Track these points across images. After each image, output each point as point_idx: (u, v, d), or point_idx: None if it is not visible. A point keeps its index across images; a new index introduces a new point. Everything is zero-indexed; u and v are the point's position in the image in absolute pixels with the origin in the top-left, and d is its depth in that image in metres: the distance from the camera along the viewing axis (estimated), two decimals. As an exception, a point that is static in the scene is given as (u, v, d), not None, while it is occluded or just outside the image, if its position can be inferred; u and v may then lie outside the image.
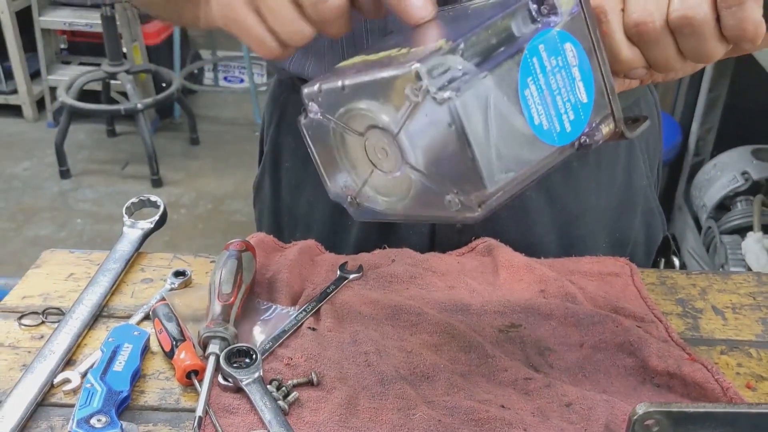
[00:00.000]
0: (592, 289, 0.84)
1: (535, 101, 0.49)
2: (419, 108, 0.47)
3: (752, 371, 0.74)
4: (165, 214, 0.94)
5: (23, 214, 3.33)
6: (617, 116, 0.54)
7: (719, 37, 0.52)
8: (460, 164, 0.47)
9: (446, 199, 0.49)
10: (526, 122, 0.49)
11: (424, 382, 0.71)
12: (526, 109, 0.49)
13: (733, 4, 0.50)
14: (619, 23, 0.53)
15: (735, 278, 0.88)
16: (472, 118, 0.46)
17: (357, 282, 0.84)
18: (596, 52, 0.52)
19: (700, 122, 2.70)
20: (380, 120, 0.50)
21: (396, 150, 0.50)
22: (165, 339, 0.74)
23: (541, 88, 0.49)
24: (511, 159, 0.48)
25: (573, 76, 0.51)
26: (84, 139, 3.94)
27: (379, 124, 0.50)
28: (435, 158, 0.48)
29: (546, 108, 0.50)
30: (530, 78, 0.49)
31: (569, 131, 0.51)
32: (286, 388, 0.69)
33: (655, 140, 0.99)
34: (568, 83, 0.51)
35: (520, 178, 0.50)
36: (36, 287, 0.85)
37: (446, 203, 0.49)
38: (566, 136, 0.51)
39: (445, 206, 0.49)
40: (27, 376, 0.70)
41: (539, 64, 0.49)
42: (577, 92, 0.51)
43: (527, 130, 0.49)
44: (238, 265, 0.79)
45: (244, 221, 3.26)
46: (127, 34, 3.76)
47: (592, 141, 0.53)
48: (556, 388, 0.70)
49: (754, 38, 0.51)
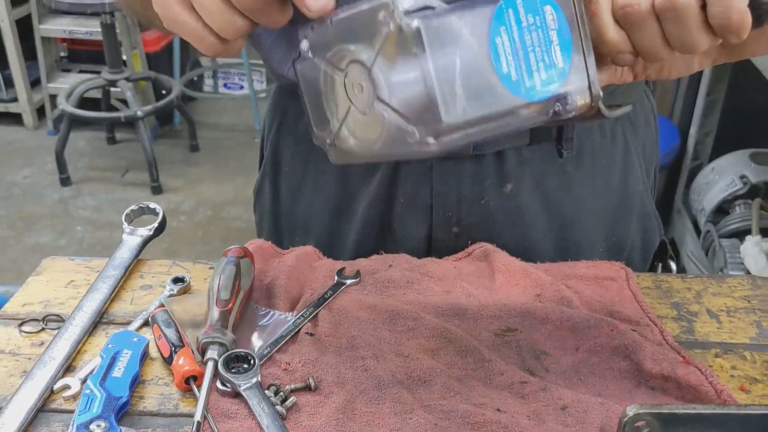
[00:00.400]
0: (588, 293, 0.84)
1: (505, 50, 0.50)
2: (391, 39, 0.48)
3: (746, 374, 0.75)
4: (164, 221, 0.95)
5: (24, 221, 3.34)
6: (594, 91, 0.54)
7: (704, 26, 0.52)
8: (421, 93, 0.48)
9: (407, 133, 0.50)
10: (493, 67, 0.50)
11: (420, 386, 0.71)
12: (495, 55, 0.50)
13: None
14: (608, 4, 0.54)
15: (730, 281, 0.89)
16: (436, 48, 0.48)
17: (355, 287, 0.85)
18: (578, 23, 0.53)
19: (699, 126, 2.71)
20: (358, 54, 0.51)
21: (369, 85, 0.51)
22: (164, 345, 0.75)
23: (514, 40, 0.50)
24: (473, 98, 0.50)
25: (550, 39, 0.52)
26: (84, 147, 3.95)
27: (357, 57, 0.51)
28: (401, 90, 0.50)
29: (517, 60, 0.51)
30: (503, 27, 0.50)
31: (539, 89, 0.52)
32: (284, 393, 0.69)
33: (652, 145, 1.00)
34: (543, 44, 0.51)
35: (481, 121, 0.51)
36: (36, 294, 0.85)
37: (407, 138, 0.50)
38: (535, 93, 0.52)
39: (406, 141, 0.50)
40: (27, 382, 0.70)
41: (515, 17, 0.50)
42: (553, 55, 0.52)
43: (494, 76, 0.50)
44: (236, 271, 0.80)
45: (244, 227, 3.27)
46: (126, 41, 3.77)
47: (566, 111, 0.53)
48: (552, 392, 0.70)
49: (739, 29, 0.52)
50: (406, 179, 0.90)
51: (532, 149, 0.89)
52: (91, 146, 3.98)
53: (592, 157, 0.92)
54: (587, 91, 0.54)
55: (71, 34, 3.92)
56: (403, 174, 0.90)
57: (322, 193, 0.96)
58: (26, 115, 4.12)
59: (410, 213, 0.91)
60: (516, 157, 0.89)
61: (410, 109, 0.50)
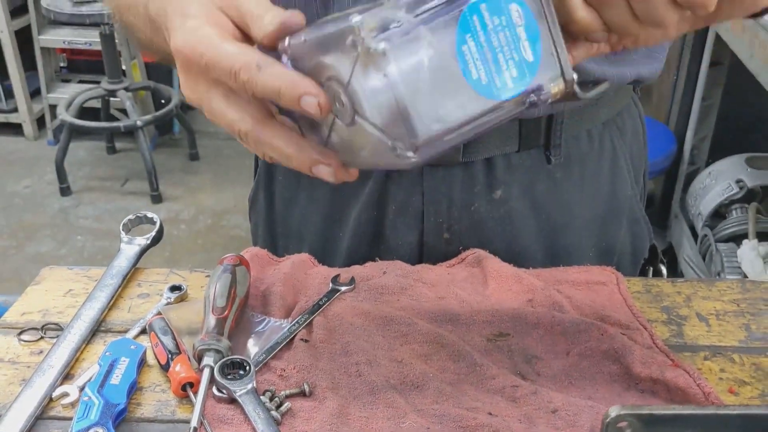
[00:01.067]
0: (579, 298, 0.86)
1: (473, 57, 0.51)
2: (362, 59, 0.49)
3: (735, 376, 0.76)
4: (161, 231, 0.96)
5: (24, 231, 3.36)
6: (567, 76, 0.55)
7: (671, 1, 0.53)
8: (394, 110, 0.50)
9: (388, 147, 0.52)
10: (462, 76, 0.51)
11: (413, 391, 0.72)
12: (463, 64, 0.51)
13: None
14: None
15: (719, 285, 0.90)
16: (404, 68, 0.49)
17: (349, 294, 0.86)
18: (545, 12, 0.54)
19: (695, 131, 2.72)
20: (334, 71, 0.52)
21: (348, 101, 0.52)
22: (161, 352, 0.76)
23: (481, 44, 0.51)
24: (446, 108, 0.51)
25: (518, 36, 0.53)
26: (84, 157, 3.97)
27: (333, 74, 0.52)
28: (377, 107, 0.51)
29: (486, 64, 0.52)
30: (469, 35, 0.51)
31: (511, 87, 0.53)
32: (279, 398, 0.71)
33: (639, 150, 1.01)
34: (511, 42, 0.52)
35: (458, 128, 0.52)
36: (35, 303, 0.86)
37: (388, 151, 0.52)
38: (507, 92, 0.53)
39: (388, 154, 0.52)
40: (26, 390, 0.72)
41: (480, 22, 0.51)
42: (522, 51, 0.53)
43: (464, 84, 0.51)
44: (232, 279, 0.81)
45: (244, 236, 3.28)
46: (125, 51, 3.80)
47: (541, 101, 0.54)
48: (543, 395, 0.71)
49: (705, 3, 0.52)
50: (398, 187, 0.91)
51: (521, 156, 0.90)
52: (91, 156, 3.99)
53: (580, 163, 0.93)
54: (560, 78, 0.55)
55: (71, 45, 3.94)
56: (395, 181, 0.91)
57: (315, 202, 0.97)
58: (26, 125, 4.14)
59: (402, 220, 0.93)
60: (505, 163, 0.90)
61: (387, 124, 0.51)
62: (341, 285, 0.86)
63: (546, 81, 0.54)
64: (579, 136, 0.92)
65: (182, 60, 0.57)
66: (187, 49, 0.56)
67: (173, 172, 3.83)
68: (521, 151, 0.90)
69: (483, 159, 0.89)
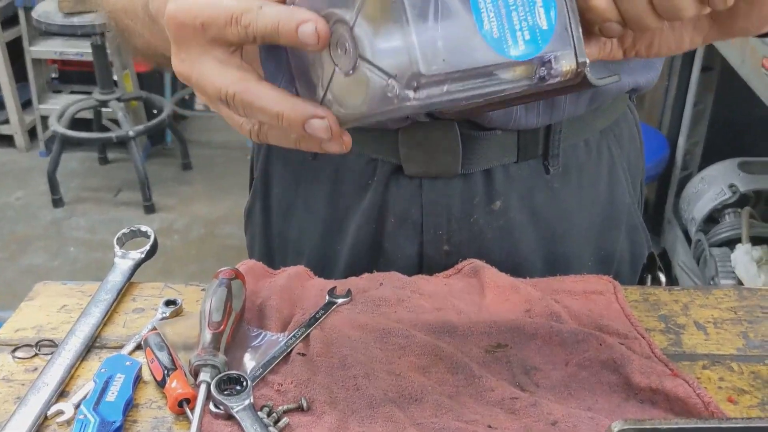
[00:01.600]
0: (577, 308, 0.85)
1: (487, 7, 0.50)
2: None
3: (734, 385, 0.75)
4: (155, 244, 0.95)
5: (16, 243, 3.34)
6: (579, 56, 0.53)
7: None
8: (401, 46, 0.48)
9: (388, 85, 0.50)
10: (474, 22, 0.50)
11: (412, 404, 0.72)
12: (476, 11, 0.49)
13: None
14: None
15: (716, 293, 0.90)
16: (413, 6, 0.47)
17: (346, 306, 0.85)
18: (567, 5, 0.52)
19: (687, 136, 2.73)
20: (340, 14, 0.51)
21: (352, 44, 0.51)
22: (157, 368, 0.75)
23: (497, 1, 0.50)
24: (453, 52, 0.49)
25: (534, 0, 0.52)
26: (76, 167, 3.96)
27: (339, 17, 0.51)
28: (382, 46, 0.49)
29: (499, 18, 0.50)
30: None
31: (522, 49, 0.51)
32: (277, 414, 0.70)
33: (637, 158, 1.01)
34: (526, 3, 0.51)
35: (462, 77, 0.50)
36: (29, 320, 0.86)
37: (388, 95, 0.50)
38: (518, 52, 0.51)
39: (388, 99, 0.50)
40: (21, 408, 0.71)
41: None
42: (537, 16, 0.51)
43: (474, 31, 0.50)
44: (227, 293, 0.80)
45: (238, 245, 3.27)
46: (117, 62, 3.79)
47: (550, 75, 0.53)
48: (542, 407, 0.71)
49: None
50: (397, 199, 0.91)
51: (520, 166, 0.90)
52: (83, 167, 3.98)
53: (578, 172, 0.93)
54: (573, 56, 0.53)
55: (62, 56, 3.93)
56: (394, 193, 0.91)
57: (313, 214, 0.97)
58: (18, 136, 4.12)
59: (401, 232, 0.92)
60: (504, 174, 0.90)
61: (391, 63, 0.49)
62: (338, 297, 0.86)
63: (558, 55, 0.53)
64: (577, 145, 0.92)
65: (176, 26, 0.55)
66: (181, 12, 0.54)
67: (166, 182, 3.82)
68: (520, 162, 0.90)
69: (482, 170, 0.89)
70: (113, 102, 3.58)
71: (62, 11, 3.31)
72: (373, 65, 0.50)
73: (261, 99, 0.54)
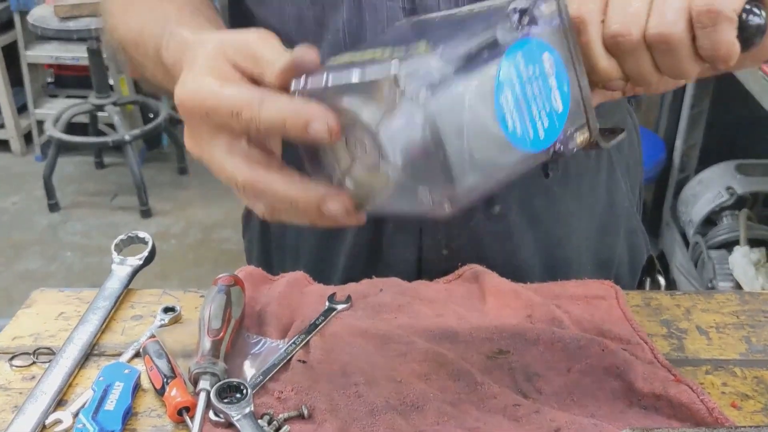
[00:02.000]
0: (578, 313, 0.85)
1: (510, 108, 0.50)
2: (397, 107, 0.48)
3: (737, 390, 0.75)
4: (153, 250, 0.94)
5: (12, 248, 3.32)
6: (592, 126, 0.55)
7: (694, 55, 0.53)
8: (433, 164, 0.48)
9: (419, 196, 0.50)
10: (500, 127, 0.50)
11: (414, 412, 0.71)
12: (501, 115, 0.50)
13: (707, 25, 0.52)
14: (598, 34, 0.54)
15: (718, 297, 0.89)
16: (445, 119, 0.48)
17: (346, 312, 0.85)
18: (574, 64, 0.53)
19: (684, 139, 2.73)
20: (361, 118, 0.51)
21: (374, 147, 0.51)
22: (156, 376, 0.75)
23: (517, 95, 0.51)
24: (483, 161, 0.50)
25: (549, 85, 0.52)
26: (72, 172, 3.94)
27: (360, 121, 0.51)
28: (410, 156, 0.49)
29: (521, 114, 0.51)
30: (507, 85, 0.50)
31: (543, 138, 0.52)
32: (278, 422, 0.69)
33: (635, 162, 1.01)
34: (543, 92, 0.52)
35: (491, 179, 0.52)
36: (26, 327, 0.85)
37: (418, 200, 0.51)
38: (540, 143, 0.52)
39: (418, 202, 0.51)
40: (19, 417, 0.70)
41: (516, 73, 0.50)
42: (553, 101, 0.52)
43: (501, 135, 0.50)
44: (227, 300, 0.80)
45: (234, 249, 3.26)
46: (113, 66, 3.77)
47: (567, 149, 0.54)
48: (545, 414, 0.70)
49: (727, 59, 0.53)
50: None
51: (519, 171, 0.90)
52: (80, 171, 3.97)
53: (577, 176, 0.92)
54: (585, 127, 0.55)
55: (58, 60, 3.92)
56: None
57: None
58: (13, 141, 4.11)
59: (400, 236, 0.92)
60: (503, 179, 0.89)
61: (420, 175, 0.49)
62: (338, 303, 0.85)
63: (572, 130, 0.54)
64: (576, 150, 0.91)
65: (184, 111, 0.56)
66: (188, 99, 0.55)
67: (162, 187, 3.81)
68: None
69: None
70: (109, 106, 3.57)
71: (58, 16, 3.30)
72: (401, 172, 0.50)
73: (271, 187, 0.54)
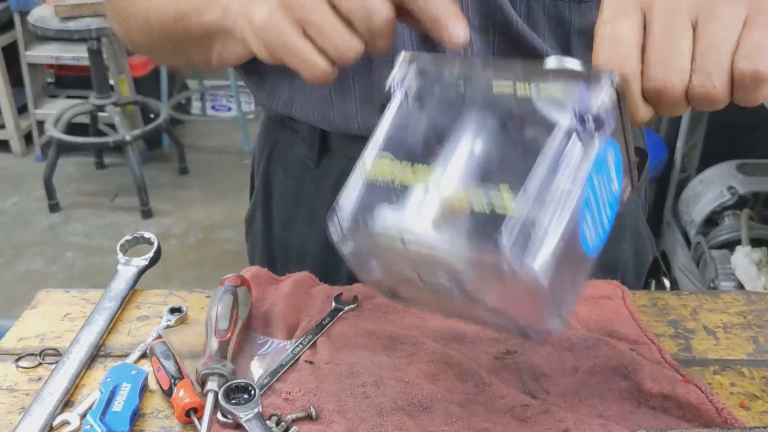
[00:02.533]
0: (585, 313, 0.85)
1: (589, 226, 0.50)
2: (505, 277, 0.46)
3: (745, 390, 0.75)
4: (159, 251, 0.94)
5: (13, 249, 3.32)
6: (634, 180, 0.55)
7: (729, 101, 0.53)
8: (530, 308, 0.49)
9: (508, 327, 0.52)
10: (584, 250, 0.50)
11: (422, 413, 0.71)
12: (583, 238, 0.49)
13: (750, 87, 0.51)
14: (639, 87, 0.53)
15: (725, 297, 0.89)
16: (551, 277, 0.46)
17: (352, 313, 0.85)
18: (625, 135, 0.52)
19: (685, 139, 2.73)
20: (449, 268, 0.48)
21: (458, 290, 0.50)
22: (163, 377, 0.74)
23: (593, 212, 0.50)
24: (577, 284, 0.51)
25: (611, 177, 0.51)
26: (72, 172, 3.94)
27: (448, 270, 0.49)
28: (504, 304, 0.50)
29: (594, 224, 0.50)
30: (587, 208, 0.49)
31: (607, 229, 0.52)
32: (286, 423, 0.69)
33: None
34: (607, 188, 0.51)
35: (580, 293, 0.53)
36: (32, 328, 0.85)
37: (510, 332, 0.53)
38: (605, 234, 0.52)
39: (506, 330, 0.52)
40: (26, 419, 0.70)
41: (592, 191, 0.49)
42: (612, 187, 0.52)
43: (585, 256, 0.50)
44: (233, 300, 0.79)
45: (235, 250, 3.26)
46: (113, 66, 3.77)
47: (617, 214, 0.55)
48: (553, 414, 0.70)
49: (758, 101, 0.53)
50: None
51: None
52: (80, 171, 3.97)
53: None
54: (630, 185, 0.55)
55: (58, 60, 3.92)
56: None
57: (315, 223, 0.96)
58: (14, 141, 4.11)
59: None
60: (510, 181, 0.89)
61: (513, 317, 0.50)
62: (344, 304, 0.85)
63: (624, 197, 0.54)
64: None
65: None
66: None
67: (163, 187, 3.81)
68: None
69: None
70: (110, 106, 3.57)
71: (58, 16, 3.29)
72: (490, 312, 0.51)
73: None
